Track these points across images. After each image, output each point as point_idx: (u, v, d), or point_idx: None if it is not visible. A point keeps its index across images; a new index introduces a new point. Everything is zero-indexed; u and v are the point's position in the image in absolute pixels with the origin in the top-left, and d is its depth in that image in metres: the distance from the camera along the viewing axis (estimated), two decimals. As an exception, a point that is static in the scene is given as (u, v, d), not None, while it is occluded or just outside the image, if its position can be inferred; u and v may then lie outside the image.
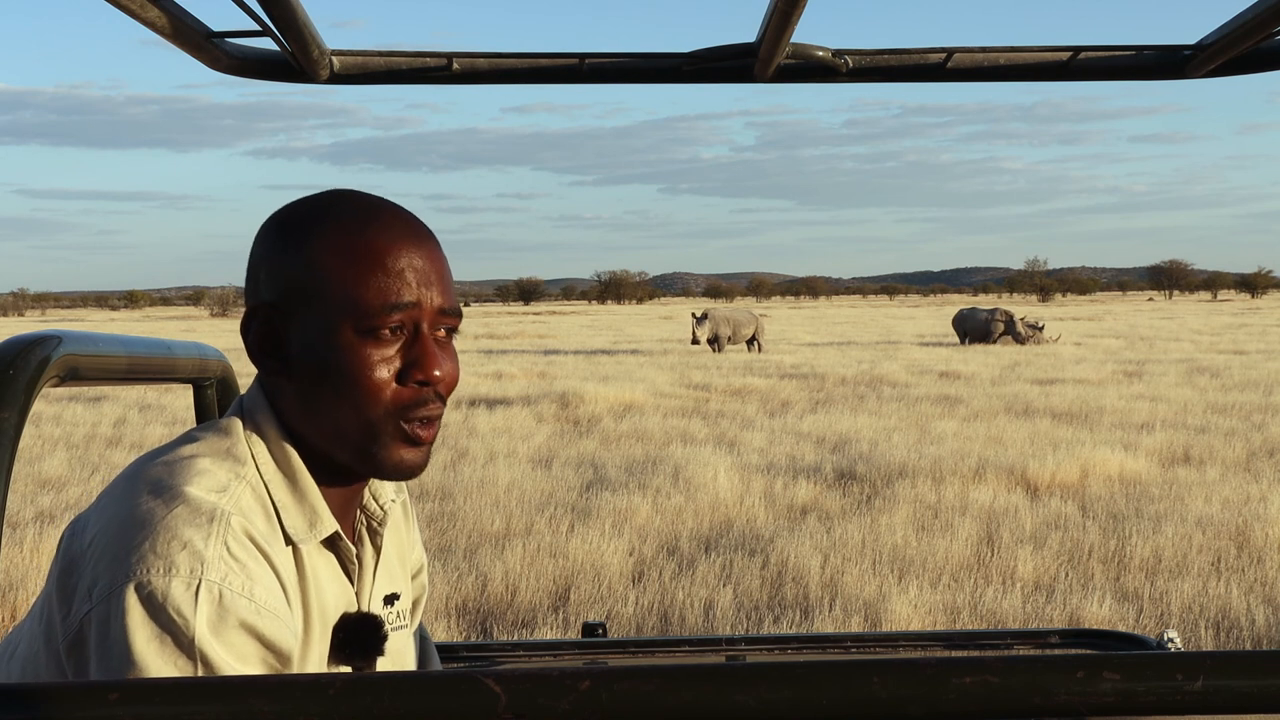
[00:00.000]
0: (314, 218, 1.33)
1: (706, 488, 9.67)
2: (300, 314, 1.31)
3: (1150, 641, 2.46)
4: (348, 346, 1.29)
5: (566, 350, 32.03)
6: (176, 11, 1.49)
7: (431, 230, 1.38)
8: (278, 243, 1.34)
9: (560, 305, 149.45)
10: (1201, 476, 10.30)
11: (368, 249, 1.30)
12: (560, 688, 0.72)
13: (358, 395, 1.29)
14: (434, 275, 1.33)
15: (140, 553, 1.18)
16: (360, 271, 1.29)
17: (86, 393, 17.52)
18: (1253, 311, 69.76)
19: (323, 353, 1.29)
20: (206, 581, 1.17)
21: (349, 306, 1.29)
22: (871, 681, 0.73)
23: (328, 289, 1.29)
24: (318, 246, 1.31)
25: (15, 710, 0.72)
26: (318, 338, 1.30)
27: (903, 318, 66.11)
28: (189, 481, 1.24)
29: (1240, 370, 21.70)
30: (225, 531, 1.21)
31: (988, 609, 6.45)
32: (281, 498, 1.31)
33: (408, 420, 1.31)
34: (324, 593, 1.33)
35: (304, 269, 1.31)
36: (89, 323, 70.17)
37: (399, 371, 1.30)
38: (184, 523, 1.20)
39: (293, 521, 1.31)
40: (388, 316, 1.29)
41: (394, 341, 1.30)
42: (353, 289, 1.29)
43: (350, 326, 1.29)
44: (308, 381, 1.31)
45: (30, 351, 1.30)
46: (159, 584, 1.16)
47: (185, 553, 1.18)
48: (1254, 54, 1.69)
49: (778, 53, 1.63)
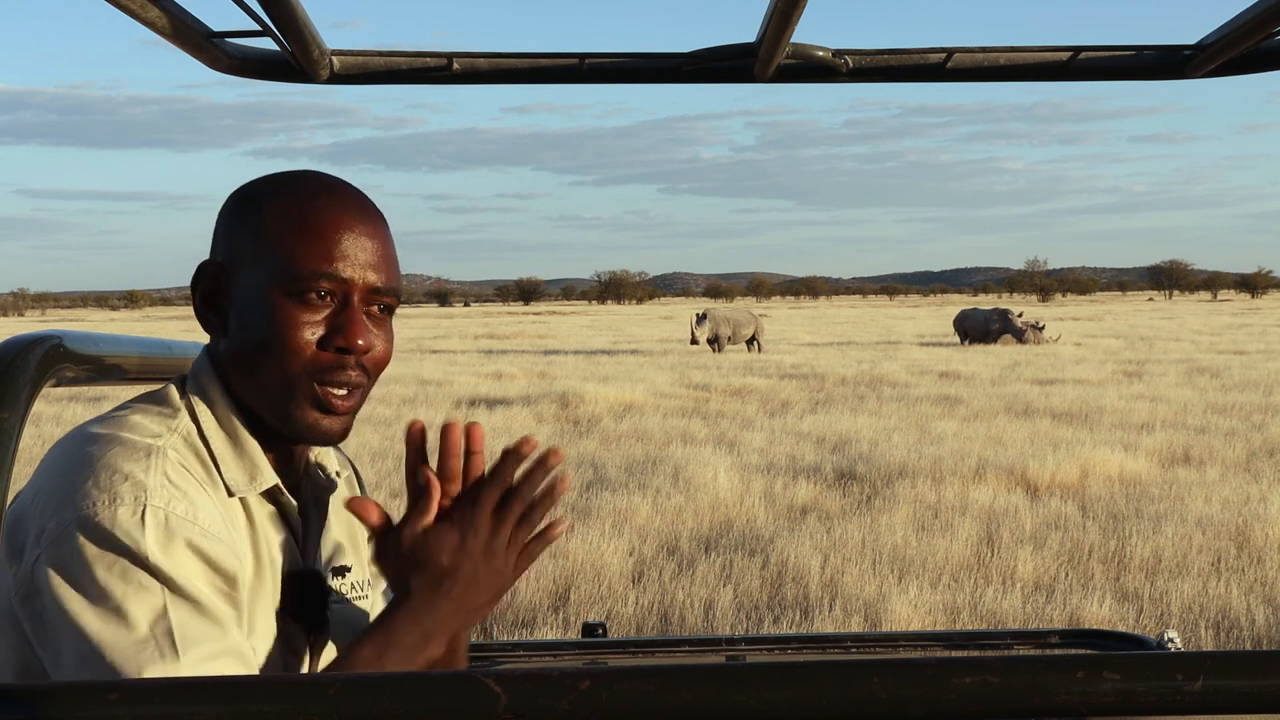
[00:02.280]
0: (271, 188, 1.39)
1: (706, 488, 9.67)
2: (242, 273, 1.36)
3: (1150, 641, 2.46)
4: (275, 305, 1.33)
5: (566, 350, 32.04)
6: (176, 11, 1.49)
7: (383, 215, 1.43)
8: (235, 210, 1.40)
9: (560, 305, 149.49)
10: (1201, 476, 10.30)
11: (311, 217, 1.35)
12: (560, 688, 0.72)
13: (279, 353, 1.33)
14: (373, 252, 1.37)
15: (83, 490, 1.22)
16: (298, 236, 1.34)
17: (86, 393, 17.51)
18: (1253, 311, 69.78)
19: (253, 310, 1.35)
20: (151, 506, 1.21)
21: (282, 268, 1.33)
22: (871, 681, 0.73)
23: (267, 250, 1.34)
24: (267, 212, 1.36)
25: (15, 710, 0.72)
26: (252, 295, 1.35)
27: (903, 318, 66.13)
28: (122, 429, 1.29)
29: (1240, 370, 21.70)
30: (163, 463, 1.26)
31: (988, 609, 6.45)
32: (221, 451, 1.35)
33: (322, 383, 1.34)
34: (273, 546, 1.37)
35: (251, 230, 1.36)
36: (89, 323, 70.18)
37: (322, 337, 1.34)
38: (122, 459, 1.24)
39: (232, 474, 1.34)
40: (316, 281, 1.33)
41: (321, 308, 1.35)
42: (289, 251, 1.34)
43: (280, 288, 1.33)
44: (241, 338, 1.36)
45: (30, 351, 1.30)
46: (105, 514, 1.20)
47: (128, 483, 1.22)
48: (1254, 54, 1.69)
49: (778, 53, 1.63)
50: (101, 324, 66.35)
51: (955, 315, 36.92)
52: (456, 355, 30.12)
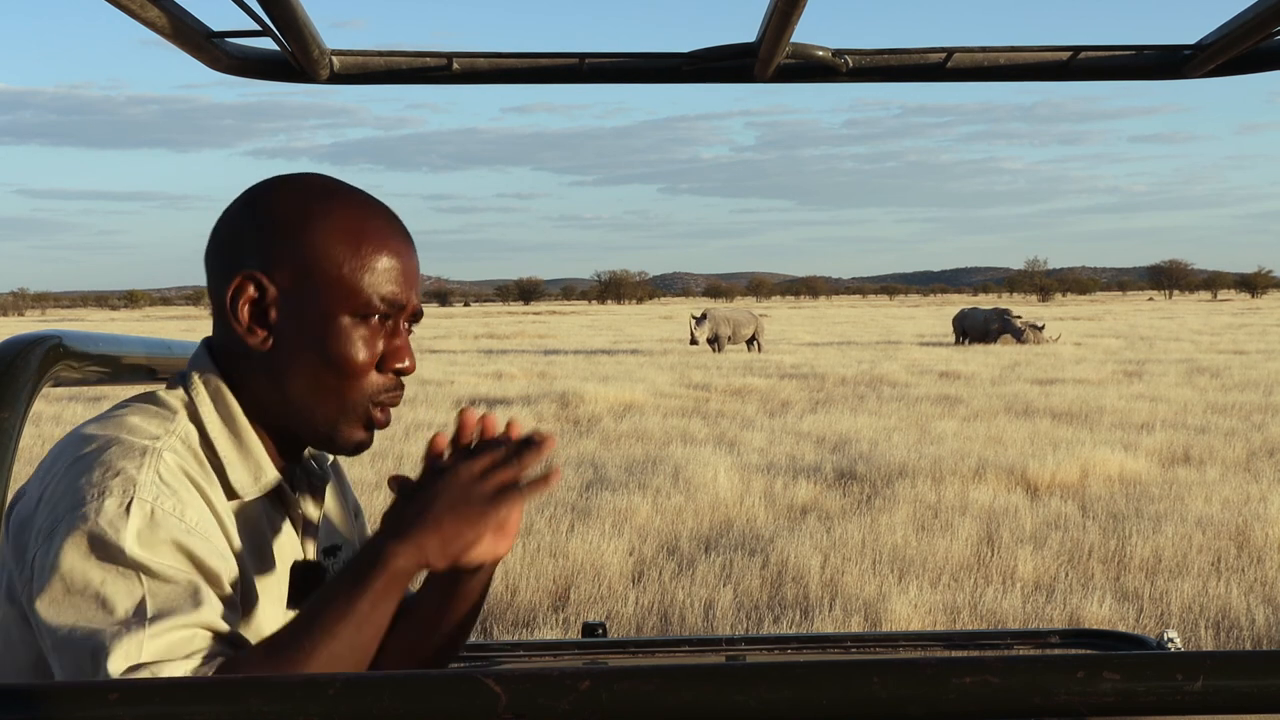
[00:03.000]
0: (311, 198, 1.38)
1: (706, 488, 9.67)
2: (294, 290, 1.35)
3: (1150, 641, 2.46)
4: (340, 327, 1.35)
5: (566, 350, 32.04)
6: (176, 11, 1.49)
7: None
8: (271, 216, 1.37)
9: (560, 305, 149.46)
10: (1201, 476, 10.30)
11: (372, 239, 1.37)
12: (560, 688, 0.72)
13: (342, 375, 1.36)
14: (416, 275, 1.42)
15: (78, 486, 1.24)
16: (363, 260, 1.36)
17: (86, 393, 17.51)
18: (1253, 311, 69.78)
19: (315, 330, 1.35)
20: (139, 500, 1.23)
21: (348, 290, 1.35)
22: (871, 681, 0.73)
23: (327, 271, 1.35)
24: (320, 228, 1.36)
25: (15, 710, 0.72)
26: (312, 315, 1.35)
27: (903, 318, 66.13)
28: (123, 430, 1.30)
29: (1240, 370, 21.70)
30: (157, 462, 1.27)
31: (988, 609, 6.45)
32: (226, 453, 1.36)
33: (377, 404, 1.39)
34: (275, 541, 1.40)
35: (303, 247, 1.35)
36: (89, 323, 70.17)
37: (379, 358, 1.38)
38: (117, 456, 1.26)
39: (238, 475, 1.36)
40: (382, 306, 1.37)
41: (379, 330, 1.38)
42: (355, 276, 1.35)
43: (346, 310, 1.35)
44: (290, 355, 1.36)
45: (30, 351, 1.30)
46: (93, 506, 1.22)
47: (119, 479, 1.24)
48: (1254, 54, 1.69)
49: (778, 53, 1.63)
50: (101, 324, 66.34)
51: (954, 315, 36.92)
52: (456, 355, 30.12)
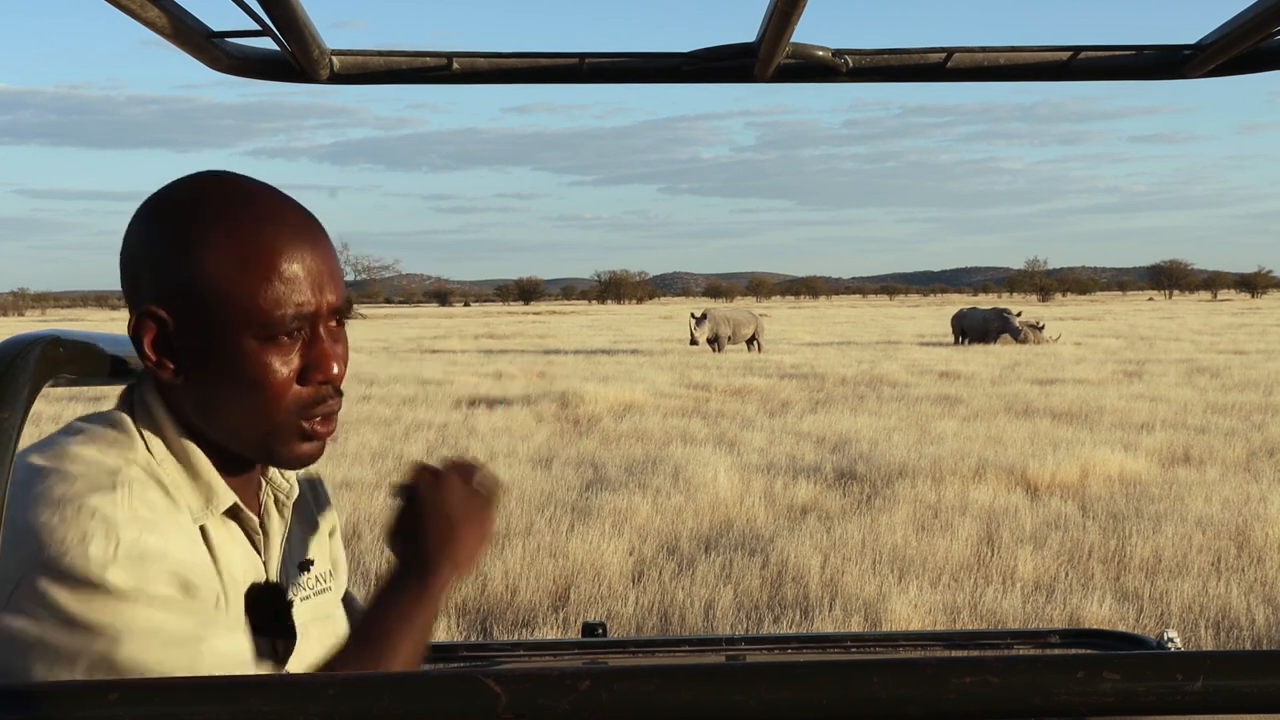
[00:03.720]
0: (196, 214, 1.30)
1: (706, 488, 9.67)
2: (196, 320, 1.29)
3: (1150, 641, 2.46)
4: (248, 352, 1.29)
5: (566, 350, 32.03)
6: (176, 11, 1.49)
7: (317, 219, 1.37)
8: (160, 242, 1.31)
9: (560, 305, 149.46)
10: (1201, 476, 10.30)
11: (261, 255, 1.28)
12: (560, 688, 0.72)
13: (260, 399, 1.30)
14: (325, 273, 1.33)
15: (49, 528, 1.18)
16: (256, 279, 1.28)
17: (86, 392, 17.50)
18: (1253, 311, 69.77)
19: (223, 358, 1.29)
20: (123, 541, 1.19)
21: (247, 315, 1.28)
22: (871, 681, 0.73)
23: (224, 298, 1.28)
24: (209, 252, 1.28)
25: (15, 710, 0.72)
26: (216, 344, 1.29)
27: (903, 318, 66.12)
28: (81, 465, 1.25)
29: (1240, 370, 21.70)
30: (131, 496, 1.23)
31: (988, 609, 6.45)
32: (174, 477, 1.31)
33: (307, 418, 1.34)
34: (233, 564, 1.35)
35: (197, 276, 1.28)
36: (89, 323, 70.17)
37: (298, 372, 1.32)
38: (89, 494, 1.21)
39: (187, 499, 1.32)
40: (287, 323, 1.29)
41: (293, 344, 1.32)
42: (250, 297, 1.28)
43: (250, 334, 1.29)
44: (206, 385, 1.31)
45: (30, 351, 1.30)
46: (77, 552, 1.17)
47: (96, 519, 1.19)
48: (1254, 54, 1.69)
49: (778, 53, 1.63)
50: (101, 324, 66.34)
51: (953, 314, 36.93)
52: (456, 355, 30.11)
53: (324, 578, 1.54)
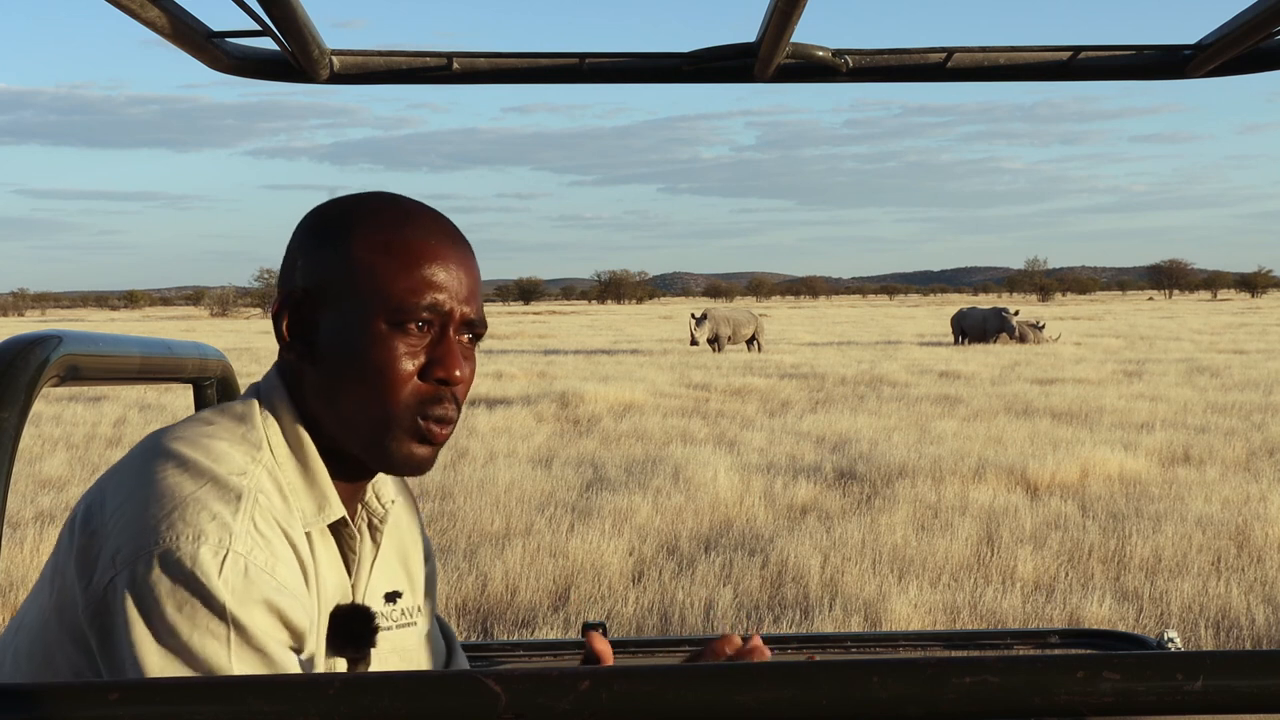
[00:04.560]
0: (356, 213, 1.38)
1: (706, 487, 9.67)
2: (334, 302, 1.35)
3: (1150, 641, 2.46)
4: (377, 337, 1.33)
5: (566, 350, 32.03)
6: (176, 11, 1.49)
7: (468, 241, 1.42)
8: (317, 234, 1.39)
9: (560, 305, 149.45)
10: (1201, 476, 10.30)
11: (405, 246, 1.35)
12: (560, 688, 0.72)
13: (381, 384, 1.33)
14: (464, 282, 1.38)
15: (169, 520, 1.20)
16: (396, 267, 1.34)
17: (86, 393, 17.51)
18: (1253, 311, 69.78)
19: (352, 341, 1.34)
20: (234, 552, 1.19)
21: (382, 299, 1.33)
22: (871, 681, 0.73)
23: (364, 280, 1.34)
24: (358, 239, 1.35)
25: (15, 710, 0.72)
26: (349, 326, 1.34)
27: (903, 317, 66.12)
28: (213, 461, 1.27)
29: (1240, 370, 21.70)
30: (253, 508, 1.24)
31: (988, 609, 6.45)
32: (292, 480, 1.33)
33: (424, 416, 1.35)
34: (325, 580, 1.35)
35: (342, 260, 1.35)
36: (89, 323, 70.17)
37: (422, 367, 1.35)
38: (213, 497, 1.22)
39: (301, 504, 1.33)
40: (419, 312, 1.34)
41: (421, 338, 1.35)
42: (388, 283, 1.33)
43: (382, 318, 1.33)
44: (333, 369, 1.35)
45: (30, 351, 1.30)
46: (188, 549, 1.18)
47: (215, 523, 1.20)
48: (1254, 54, 1.69)
49: (778, 53, 1.63)
50: (101, 324, 66.35)
51: (953, 314, 36.95)
52: (456, 355, 30.09)
53: (410, 612, 1.52)
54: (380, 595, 1.46)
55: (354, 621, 1.39)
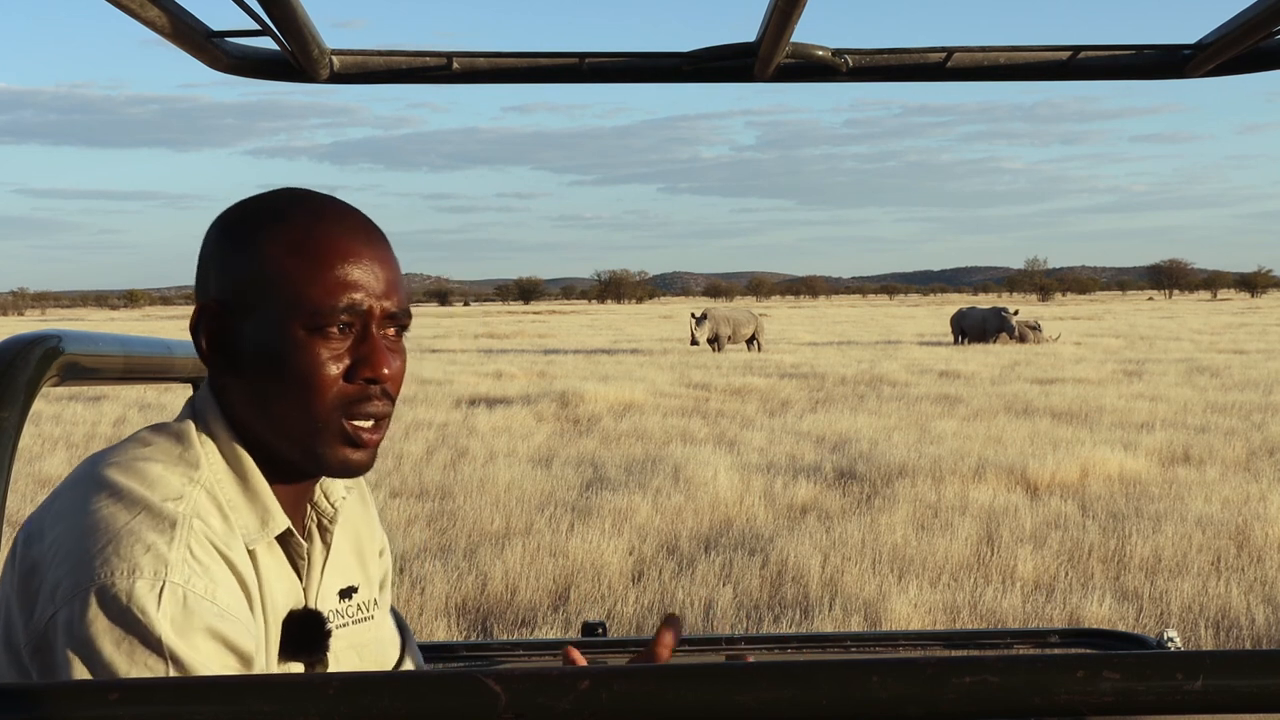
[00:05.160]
0: (263, 216, 1.34)
1: (706, 487, 9.67)
2: (250, 312, 1.32)
3: (1150, 641, 2.46)
4: (297, 343, 1.30)
5: (566, 350, 32.03)
6: (176, 11, 1.49)
7: (382, 231, 1.39)
8: (225, 241, 1.35)
9: (560, 305, 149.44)
10: (1201, 476, 10.30)
11: (316, 247, 1.31)
12: (560, 688, 0.72)
13: (305, 391, 1.30)
14: (381, 276, 1.34)
15: (104, 555, 1.18)
16: (309, 270, 1.30)
17: (86, 392, 17.52)
18: (1253, 311, 69.78)
19: (272, 349, 1.30)
20: (170, 584, 1.18)
21: (298, 304, 1.30)
22: (871, 681, 0.73)
23: (277, 287, 1.30)
24: (267, 244, 1.31)
25: (15, 710, 0.72)
26: (268, 335, 1.31)
27: (903, 317, 66.12)
28: (148, 487, 1.25)
29: (1240, 370, 21.70)
30: (188, 535, 1.22)
31: (988, 609, 6.45)
32: (232, 497, 1.31)
33: (351, 417, 1.33)
34: (274, 591, 1.34)
35: (254, 267, 1.31)
36: (89, 322, 70.18)
37: (347, 369, 1.32)
38: (147, 527, 1.20)
39: (244, 520, 1.31)
40: (336, 315, 1.30)
41: (343, 339, 1.32)
42: (302, 287, 1.30)
43: (299, 324, 1.30)
44: (257, 378, 1.32)
45: (30, 351, 1.30)
46: (123, 585, 1.16)
47: (149, 555, 1.18)
48: (1254, 54, 1.69)
49: (778, 52, 1.63)
50: (101, 324, 66.35)
51: (953, 314, 36.95)
52: (456, 354, 30.12)
53: (366, 606, 1.51)
54: (334, 594, 1.45)
55: (306, 628, 1.37)
